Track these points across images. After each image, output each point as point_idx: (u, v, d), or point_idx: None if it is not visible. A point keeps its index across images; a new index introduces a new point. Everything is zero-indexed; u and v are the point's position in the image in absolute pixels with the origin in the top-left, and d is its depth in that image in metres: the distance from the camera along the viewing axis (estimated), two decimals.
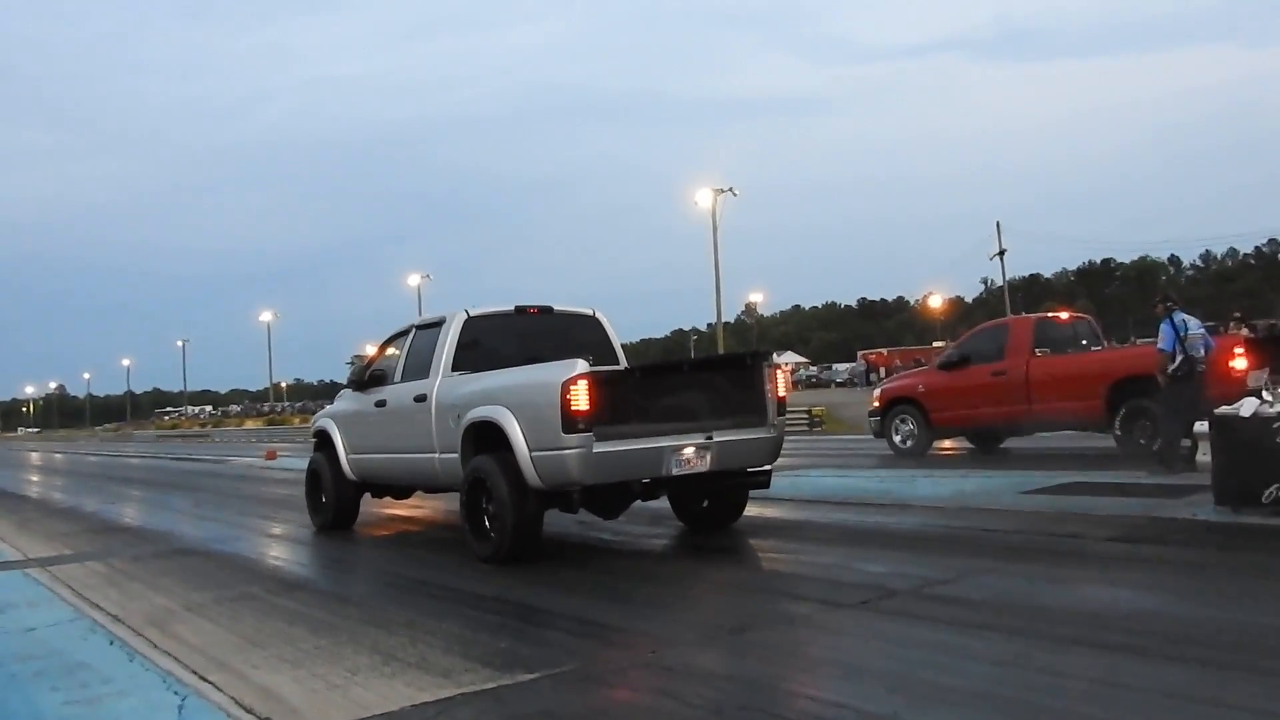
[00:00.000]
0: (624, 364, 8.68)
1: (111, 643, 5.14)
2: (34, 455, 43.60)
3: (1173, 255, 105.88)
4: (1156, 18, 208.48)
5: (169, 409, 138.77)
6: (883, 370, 56.54)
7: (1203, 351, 9.86)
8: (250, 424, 79.32)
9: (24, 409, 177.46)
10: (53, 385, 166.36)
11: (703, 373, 8.04)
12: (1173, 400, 9.82)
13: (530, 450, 6.70)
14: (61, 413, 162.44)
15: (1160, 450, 10.10)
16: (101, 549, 9.14)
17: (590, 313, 8.91)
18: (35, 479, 24.02)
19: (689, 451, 6.95)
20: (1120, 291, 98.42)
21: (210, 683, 4.30)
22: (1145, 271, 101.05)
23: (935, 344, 64.55)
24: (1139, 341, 22.79)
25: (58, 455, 42.30)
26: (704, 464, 7.02)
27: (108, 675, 4.49)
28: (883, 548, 6.94)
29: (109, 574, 7.58)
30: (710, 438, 7.04)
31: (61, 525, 11.59)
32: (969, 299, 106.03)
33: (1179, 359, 9.72)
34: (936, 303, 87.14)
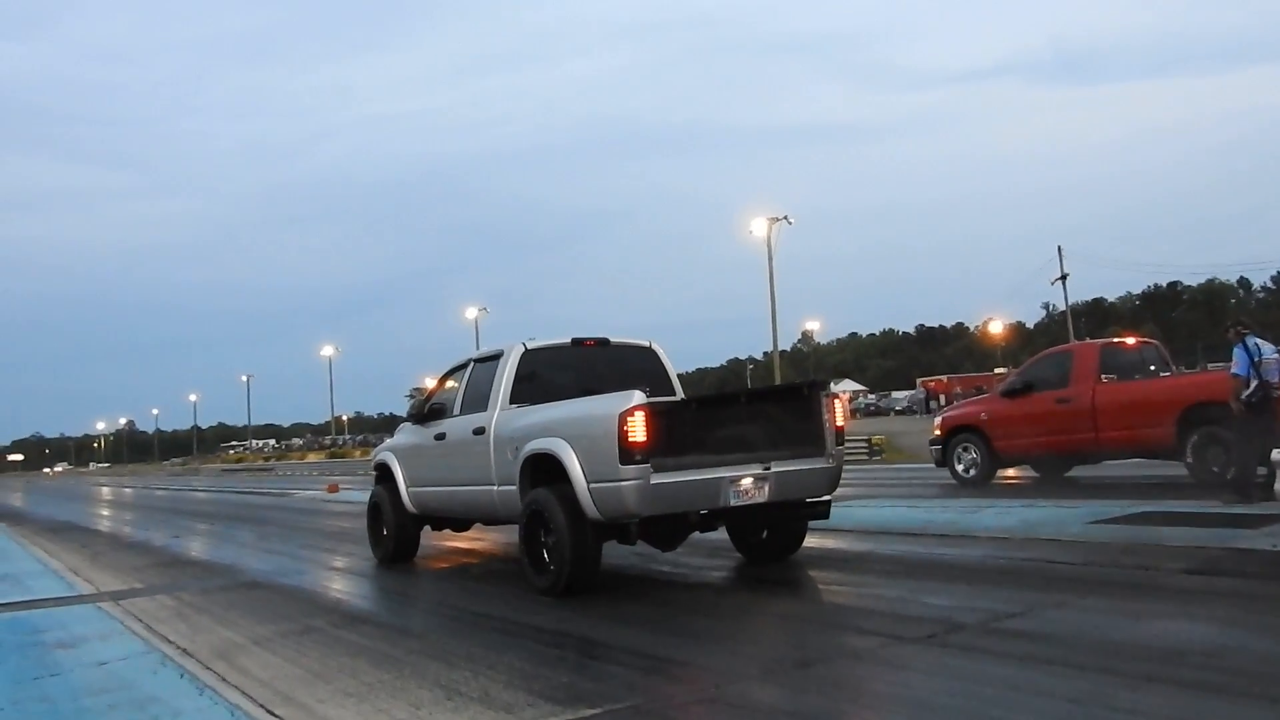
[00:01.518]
0: (681, 395, 8.68)
1: (181, 676, 5.24)
2: (105, 490, 44.76)
3: (1242, 277, 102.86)
4: (1215, 37, 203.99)
5: (234, 443, 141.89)
6: (942, 398, 55.87)
7: (1277, 377, 9.57)
8: (313, 457, 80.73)
9: (95, 444, 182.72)
10: (122, 421, 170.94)
11: (760, 403, 8.00)
12: (1247, 427, 9.53)
13: (588, 482, 6.72)
14: (131, 448, 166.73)
15: (1235, 479, 9.80)
16: (171, 582, 9.34)
17: (647, 344, 8.94)
18: (106, 513, 24.65)
19: (747, 482, 6.91)
20: (1188, 316, 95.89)
21: (277, 716, 4.35)
22: (1214, 295, 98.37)
23: (997, 371, 63.58)
24: (1209, 367, 22.21)
25: (127, 490, 43.37)
26: (762, 495, 6.98)
27: (178, 709, 4.57)
28: (948, 580, 6.81)
29: (178, 607, 7.73)
30: (768, 468, 7.01)
31: (132, 559, 11.86)
32: (1030, 325, 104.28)
33: (1253, 385, 9.44)
34: (997, 329, 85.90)
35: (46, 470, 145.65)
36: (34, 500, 35.25)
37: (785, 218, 44.57)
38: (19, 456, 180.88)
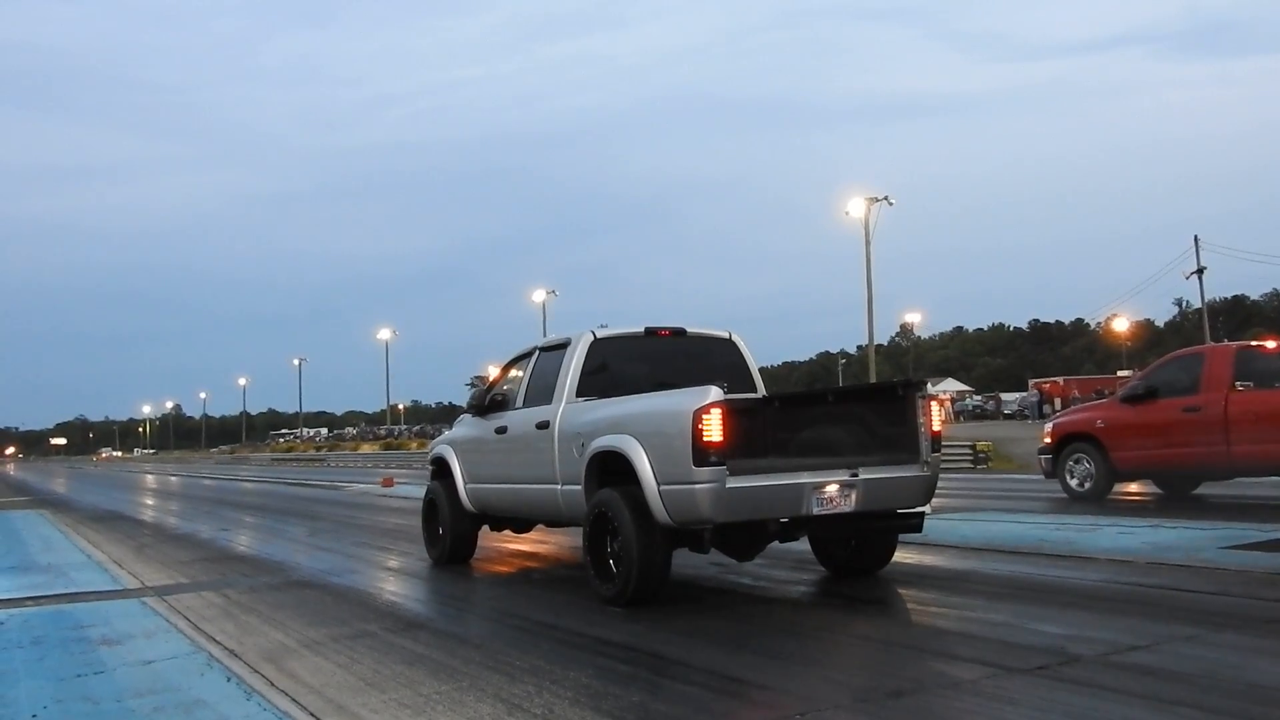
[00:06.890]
0: (762, 391, 8.65)
1: (228, 679, 5.40)
2: (150, 478, 46.32)
3: None
4: None
5: (284, 430, 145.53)
6: (1057, 401, 54.69)
7: None
8: (366, 448, 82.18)
9: (140, 429, 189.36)
10: (169, 405, 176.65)
11: (849, 403, 7.94)
12: None
13: (658, 484, 6.74)
14: (177, 433, 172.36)
15: None
16: (218, 578, 9.63)
17: (726, 335, 8.93)
18: (151, 502, 25.52)
19: (832, 489, 6.86)
20: None
21: None
22: None
23: (1120, 373, 62.03)
24: None
25: (173, 478, 44.81)
26: (848, 504, 6.92)
27: (225, 714, 4.71)
28: (1061, 606, 6.67)
29: (225, 605, 7.97)
30: (856, 475, 6.95)
31: (177, 552, 12.26)
32: (1160, 323, 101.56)
33: None
34: (1122, 326, 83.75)
35: (105, 454, 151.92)
36: (77, 487, 36.64)
37: (885, 198, 44.16)
38: (62, 440, 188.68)
